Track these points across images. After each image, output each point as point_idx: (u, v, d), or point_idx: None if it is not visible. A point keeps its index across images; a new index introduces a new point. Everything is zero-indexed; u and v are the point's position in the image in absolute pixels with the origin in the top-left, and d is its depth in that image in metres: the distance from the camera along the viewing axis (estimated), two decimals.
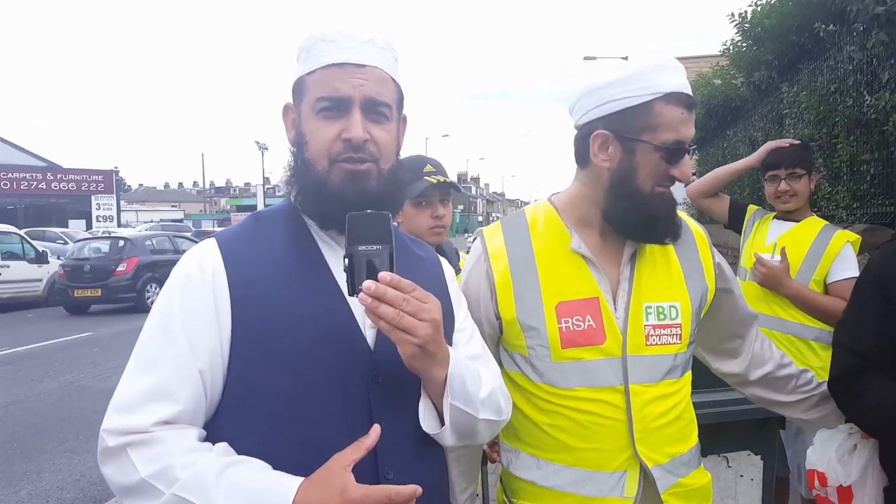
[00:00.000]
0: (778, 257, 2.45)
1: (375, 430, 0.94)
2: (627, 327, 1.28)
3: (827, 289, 2.45)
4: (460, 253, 2.44)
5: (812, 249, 2.47)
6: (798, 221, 2.60)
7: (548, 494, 1.30)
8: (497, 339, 1.39)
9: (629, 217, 1.28)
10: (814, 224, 2.57)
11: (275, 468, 0.94)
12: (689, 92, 1.25)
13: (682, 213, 1.40)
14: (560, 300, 1.29)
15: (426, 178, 1.98)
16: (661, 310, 1.30)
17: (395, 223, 1.19)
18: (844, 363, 1.48)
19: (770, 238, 2.62)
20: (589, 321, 1.28)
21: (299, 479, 0.90)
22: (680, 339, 1.31)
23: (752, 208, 2.85)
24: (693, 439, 1.36)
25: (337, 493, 0.87)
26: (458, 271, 2.17)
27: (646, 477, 1.27)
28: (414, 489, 0.91)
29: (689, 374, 1.38)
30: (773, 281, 2.43)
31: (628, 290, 1.31)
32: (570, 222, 1.35)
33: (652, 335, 1.28)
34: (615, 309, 1.30)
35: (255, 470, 0.92)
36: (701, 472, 1.36)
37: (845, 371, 1.47)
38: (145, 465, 0.90)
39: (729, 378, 1.58)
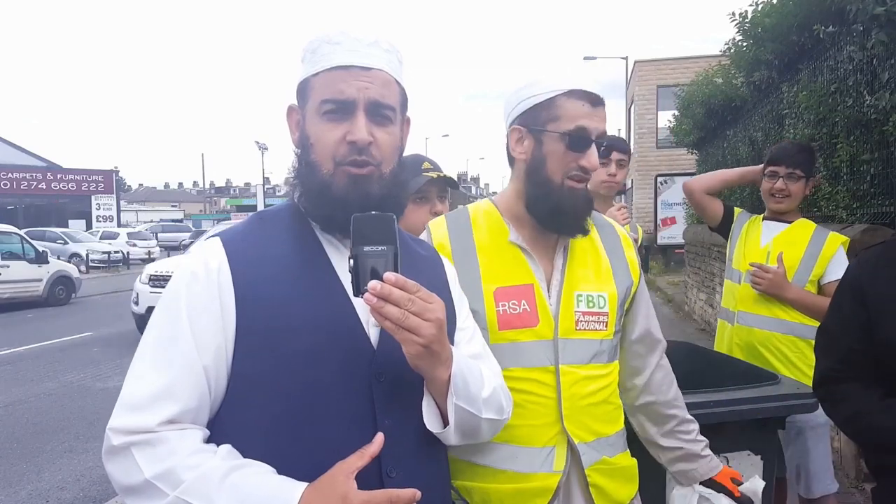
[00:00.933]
0: (773, 266, 2.46)
1: (379, 437, 0.95)
2: (559, 312, 1.39)
3: (822, 289, 2.47)
4: None
5: (808, 251, 2.49)
6: (790, 223, 2.60)
7: (485, 472, 1.37)
8: None
9: (539, 205, 1.41)
10: (806, 226, 2.58)
11: (276, 467, 0.94)
12: (592, 90, 1.38)
13: (607, 219, 1.59)
14: (498, 286, 1.41)
15: (424, 174, 1.99)
16: (590, 298, 1.42)
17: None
18: (825, 368, 1.52)
19: (764, 240, 2.62)
20: (524, 305, 1.39)
21: (303, 486, 0.90)
22: (606, 326, 1.43)
23: (737, 210, 2.86)
24: (619, 424, 1.47)
25: (338, 501, 0.87)
26: None
27: (573, 452, 1.37)
28: (413, 493, 0.92)
29: (616, 363, 1.50)
30: (776, 288, 2.43)
31: (560, 279, 1.43)
32: (508, 218, 1.48)
33: (581, 321, 1.40)
34: (549, 296, 1.41)
35: (260, 474, 0.92)
36: (626, 455, 1.47)
37: (826, 376, 1.51)
38: (149, 466, 0.90)
39: (623, 394, 1.56)
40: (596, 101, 1.38)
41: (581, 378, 1.38)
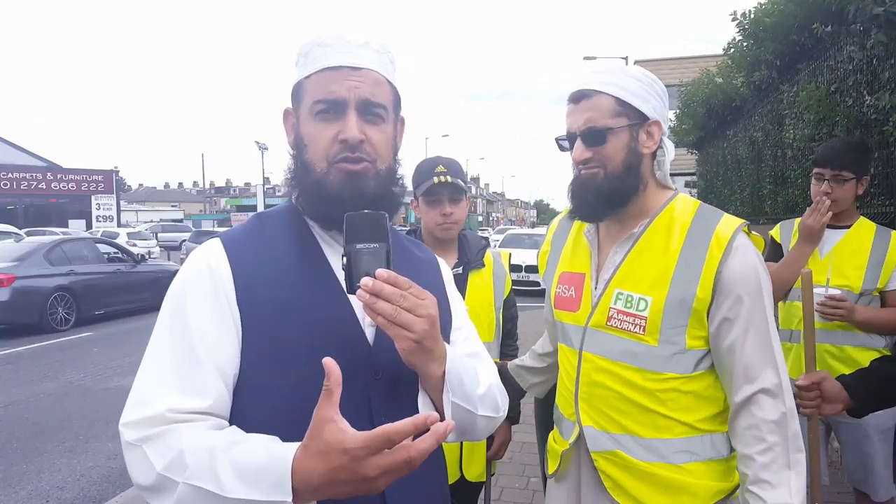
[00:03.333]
0: (835, 290, 2.28)
1: (329, 362, 0.85)
2: (598, 305, 1.46)
3: (884, 297, 2.29)
4: (492, 249, 2.39)
5: (872, 258, 2.30)
6: (848, 227, 2.38)
7: (554, 423, 1.65)
8: None
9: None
10: (865, 228, 2.36)
11: None
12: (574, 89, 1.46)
13: (724, 224, 1.36)
14: (564, 270, 1.60)
15: (435, 177, 2.11)
16: (630, 299, 1.41)
17: (409, 224, 1.23)
18: None
19: (823, 250, 2.39)
20: (571, 291, 1.54)
21: (294, 448, 0.85)
22: (643, 330, 1.38)
23: (777, 230, 2.63)
24: (669, 434, 1.38)
25: (340, 454, 0.80)
26: (479, 266, 2.25)
27: (581, 432, 1.47)
28: (413, 421, 0.80)
29: (674, 375, 1.36)
30: (849, 317, 2.23)
31: (611, 273, 1.46)
32: None
33: (614, 318, 1.42)
34: (595, 287, 1.49)
35: (257, 445, 0.89)
36: (672, 468, 1.37)
37: None
38: (159, 459, 0.89)
39: None
40: (573, 98, 1.46)
41: (604, 370, 1.43)
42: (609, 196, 1.42)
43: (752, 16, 5.25)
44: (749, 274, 1.34)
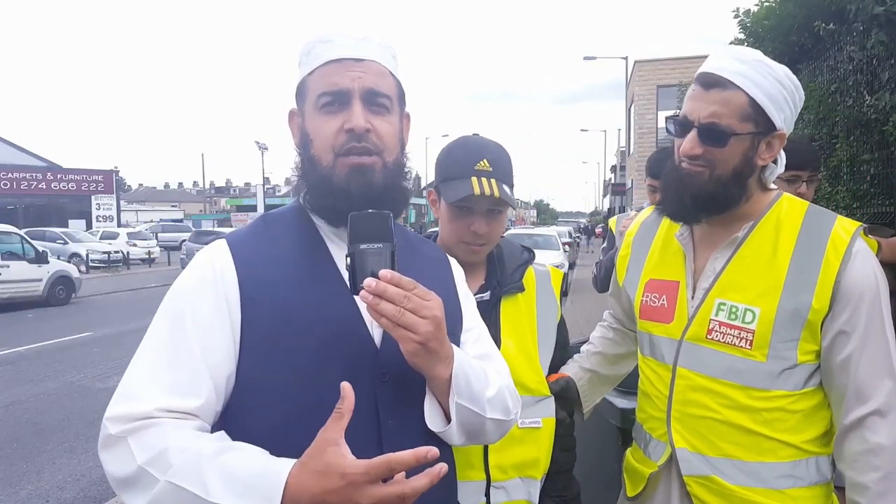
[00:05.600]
0: None
1: (346, 387, 0.86)
2: (696, 315, 1.34)
3: None
4: (537, 264, 1.65)
5: None
6: None
7: (636, 445, 1.54)
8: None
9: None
10: None
11: None
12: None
13: (842, 224, 1.26)
14: (651, 277, 1.47)
15: (474, 177, 1.42)
16: (734, 310, 1.28)
17: (409, 225, 1.20)
18: None
19: None
20: (663, 301, 1.41)
21: (290, 463, 0.85)
22: (750, 344, 1.25)
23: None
24: (774, 458, 1.26)
25: (337, 478, 0.81)
26: (516, 289, 1.55)
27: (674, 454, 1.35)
28: (415, 453, 0.82)
29: (793, 398, 1.25)
30: None
31: (711, 281, 1.33)
32: None
33: (716, 330, 1.30)
34: (692, 297, 1.36)
35: (250, 456, 0.89)
36: (776, 494, 1.25)
37: None
38: (142, 452, 0.88)
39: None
40: (703, 81, 1.32)
41: (702, 388, 1.30)
42: (708, 201, 1.30)
43: (754, 14, 5.25)
44: (869, 282, 1.22)
